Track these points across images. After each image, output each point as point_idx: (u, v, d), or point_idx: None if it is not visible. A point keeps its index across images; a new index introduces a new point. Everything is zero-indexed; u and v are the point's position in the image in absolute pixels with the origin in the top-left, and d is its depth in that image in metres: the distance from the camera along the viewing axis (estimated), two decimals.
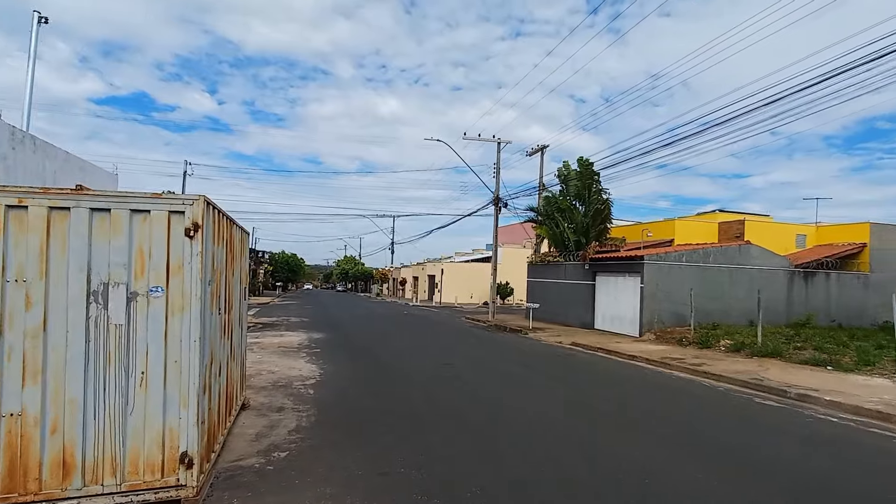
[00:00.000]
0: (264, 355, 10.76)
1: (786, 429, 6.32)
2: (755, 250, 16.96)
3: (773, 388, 8.34)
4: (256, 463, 4.56)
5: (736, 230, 19.70)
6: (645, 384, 9.13)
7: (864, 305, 17.92)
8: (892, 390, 8.02)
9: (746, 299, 15.15)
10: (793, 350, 11.43)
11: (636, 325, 15.54)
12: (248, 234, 6.32)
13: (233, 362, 5.35)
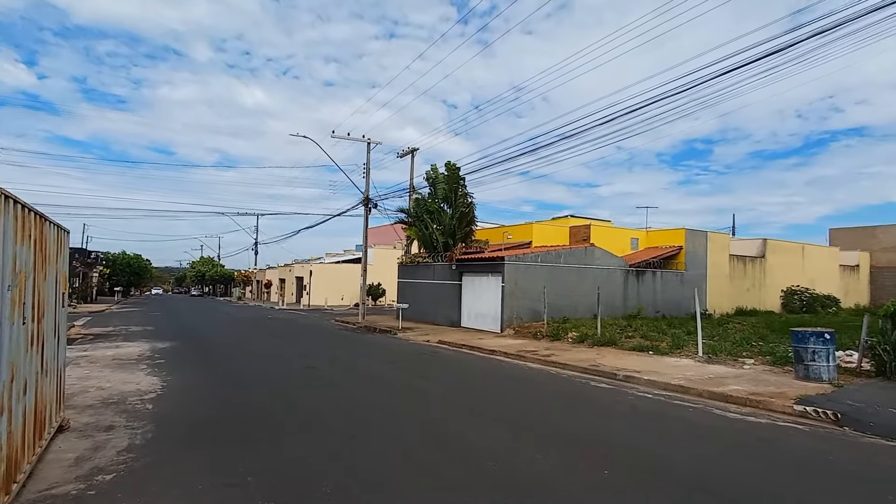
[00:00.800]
0: (94, 370, 9.41)
1: (612, 406, 7.25)
2: (598, 252, 19.14)
3: (607, 372, 9.49)
4: (73, 490, 3.97)
5: (583, 234, 22.06)
6: (501, 376, 9.80)
7: (681, 298, 21.21)
8: (693, 368, 9.63)
9: (591, 295, 17.01)
10: (625, 339, 13.11)
11: (498, 322, 16.57)
12: (67, 233, 5.50)
13: (45, 378, 4.60)
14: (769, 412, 6.90)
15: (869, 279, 29.47)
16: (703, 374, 9.05)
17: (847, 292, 27.47)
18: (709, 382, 8.32)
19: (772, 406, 7.03)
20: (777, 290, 24.60)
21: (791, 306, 23.86)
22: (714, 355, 10.68)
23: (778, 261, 24.96)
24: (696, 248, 22.18)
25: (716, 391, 7.74)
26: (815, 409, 6.60)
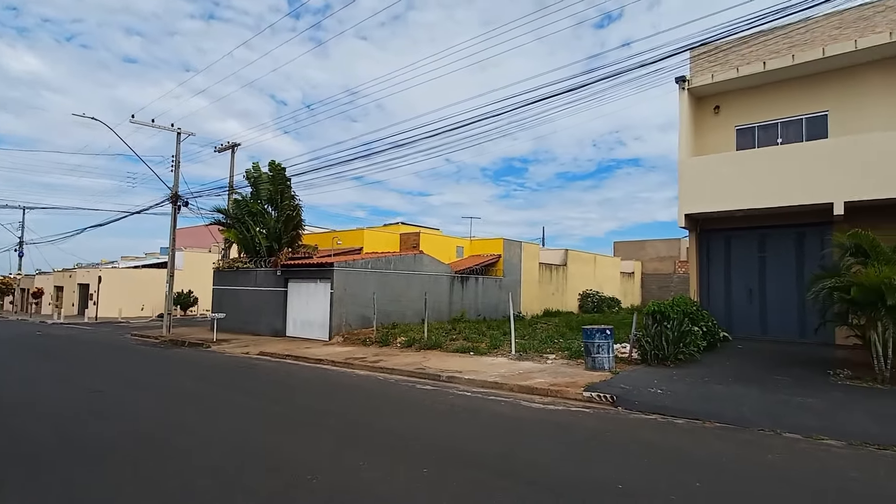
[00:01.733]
0: None
1: (434, 406, 7.48)
2: (426, 259, 19.86)
3: (432, 374, 9.80)
4: None
5: (413, 241, 22.71)
6: (327, 385, 9.44)
7: (498, 302, 23.16)
8: (506, 365, 10.51)
9: (419, 301, 17.51)
10: (449, 341, 13.75)
11: (326, 330, 16.03)
12: None
13: None
14: (565, 400, 7.82)
15: (641, 283, 36.01)
16: (514, 370, 9.92)
17: (626, 294, 33.14)
18: (518, 377, 9.13)
19: (567, 395, 7.99)
20: (575, 294, 28.49)
21: (586, 307, 27.84)
22: (524, 353, 11.81)
23: (576, 268, 28.96)
24: (512, 256, 24.49)
25: (524, 385, 8.53)
26: (598, 394, 7.69)
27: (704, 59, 13.12)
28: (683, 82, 13.28)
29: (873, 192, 10.40)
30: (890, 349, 8.13)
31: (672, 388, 8.03)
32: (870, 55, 11.54)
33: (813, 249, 12.20)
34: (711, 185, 12.36)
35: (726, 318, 13.35)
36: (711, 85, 13.30)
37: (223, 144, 22.73)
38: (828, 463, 5.00)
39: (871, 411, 6.60)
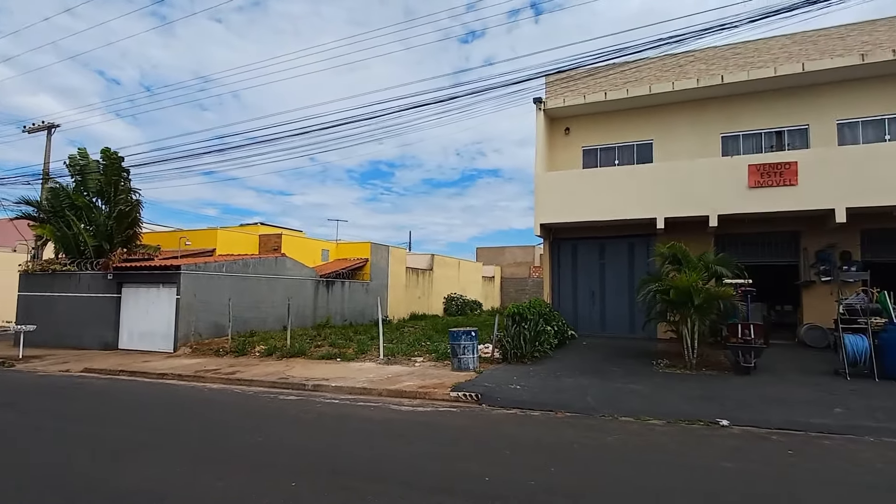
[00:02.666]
0: None
1: (300, 416, 7.13)
2: (290, 262, 18.88)
3: (296, 384, 9.32)
4: None
5: (274, 243, 21.44)
6: (172, 401, 8.43)
7: (365, 306, 22.91)
8: (375, 370, 10.43)
9: (281, 306, 16.56)
10: (314, 348, 13.22)
11: (170, 341, 14.32)
12: None
13: None
14: (433, 401, 8.00)
15: (500, 287, 38.45)
16: (383, 374, 9.88)
17: (487, 297, 35.11)
18: (387, 382, 9.12)
19: (434, 396, 8.19)
20: (440, 297, 29.40)
21: (450, 310, 28.87)
22: (393, 357, 11.84)
23: (442, 273, 29.92)
24: (379, 260, 24.44)
25: (392, 389, 8.55)
26: (464, 393, 8.02)
27: (558, 84, 14.59)
28: (540, 103, 14.61)
29: (684, 210, 12.46)
30: (696, 341, 9.79)
31: (529, 383, 8.70)
32: (683, 96, 13.87)
33: (641, 257, 14.19)
34: (562, 198, 13.72)
35: (573, 317, 14.88)
36: (563, 108, 14.82)
37: (36, 124, 19.14)
38: (652, 439, 5.83)
39: (682, 393, 7.85)
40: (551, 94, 14.93)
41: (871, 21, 12.56)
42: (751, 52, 13.27)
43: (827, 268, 12.57)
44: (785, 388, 8.06)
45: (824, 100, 13.01)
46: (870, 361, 8.70)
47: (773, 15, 7.04)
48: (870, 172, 11.07)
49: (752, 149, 13.69)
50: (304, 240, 24.92)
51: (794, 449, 5.43)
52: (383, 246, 25.20)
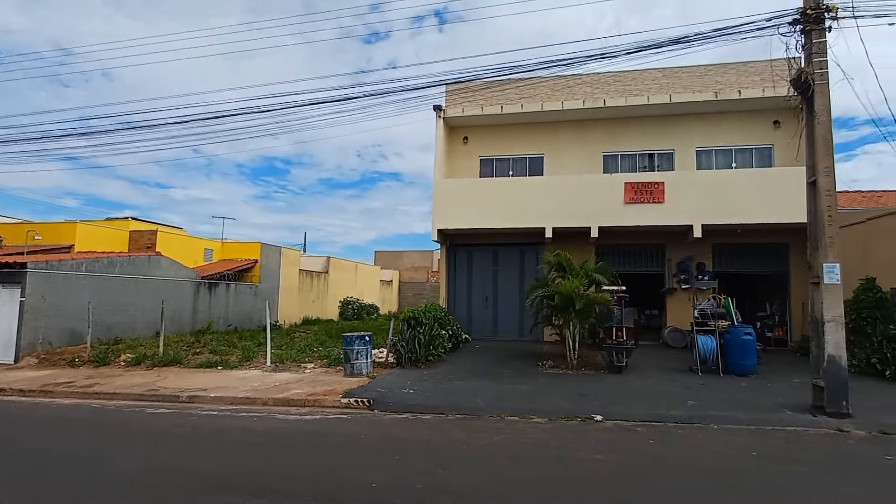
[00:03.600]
0: None
1: (171, 431, 6.48)
2: (165, 262, 17.20)
3: (168, 396, 8.47)
4: None
5: (148, 240, 19.38)
6: (7, 421, 7.22)
7: (253, 310, 21.56)
8: (261, 378, 9.83)
9: (154, 311, 14.99)
10: (192, 356, 12.14)
11: (11, 350, 12.29)
12: None
13: None
14: (323, 408, 7.72)
15: (398, 291, 38.40)
16: (269, 382, 9.34)
17: (384, 301, 34.85)
18: (274, 390, 8.63)
19: (325, 403, 7.91)
20: (336, 301, 28.61)
21: (346, 314, 28.20)
22: (281, 363, 11.24)
23: (338, 276, 29.15)
24: (270, 262, 23.19)
25: (279, 397, 8.11)
26: (356, 399, 7.84)
27: (458, 94, 14.96)
28: (440, 111, 14.88)
29: (570, 222, 13.39)
30: (577, 343, 10.52)
31: (422, 387, 8.74)
32: (571, 115, 14.94)
33: (531, 264, 14.97)
34: (459, 205, 14.06)
35: (468, 321, 15.27)
36: (462, 117, 15.24)
37: None
38: (535, 436, 6.14)
39: (563, 392, 8.39)
40: (451, 102, 15.29)
41: (724, 64, 14.53)
42: (629, 80, 14.69)
43: (686, 277, 14.23)
44: (649, 384, 8.94)
45: (686, 128, 14.78)
46: (717, 359, 9.97)
47: (645, 50, 7.88)
48: (719, 195, 12.75)
49: (629, 168, 15.13)
50: (184, 238, 22.86)
51: (655, 438, 6.03)
52: (275, 247, 23.97)
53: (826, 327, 7.13)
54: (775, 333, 14.06)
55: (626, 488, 4.45)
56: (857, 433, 6.30)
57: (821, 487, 4.54)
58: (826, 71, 7.41)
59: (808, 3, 7.39)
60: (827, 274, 7.17)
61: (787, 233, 12.94)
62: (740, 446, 5.75)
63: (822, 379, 7.11)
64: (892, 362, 9.26)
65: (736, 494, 4.36)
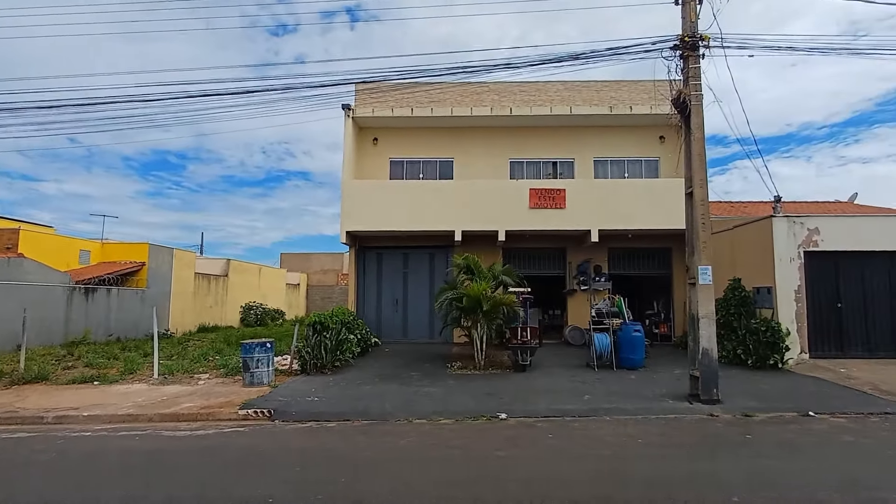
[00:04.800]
0: None
1: (31, 458, 5.65)
2: (30, 265, 15.14)
3: (29, 417, 7.41)
4: None
5: (8, 240, 16.90)
6: None
7: (140, 318, 19.61)
8: (146, 392, 8.94)
9: (15, 320, 13.08)
10: (62, 371, 10.78)
11: None
12: None
13: None
14: (218, 422, 7.18)
15: (306, 295, 37.00)
16: (156, 396, 8.52)
17: (291, 306, 33.40)
18: (161, 405, 7.89)
19: (220, 416, 7.37)
20: (237, 306, 26.93)
21: (248, 320, 26.64)
22: (171, 375, 10.32)
23: (239, 279, 27.46)
24: (160, 264, 21.28)
25: (167, 412, 7.42)
26: (255, 410, 7.39)
27: (368, 94, 14.76)
28: (349, 110, 14.58)
29: (478, 225, 13.72)
30: (484, 344, 10.78)
31: (328, 393, 8.46)
32: (479, 122, 15.35)
33: (441, 267, 15.13)
34: (369, 207, 13.85)
35: (377, 325, 15.07)
36: (372, 118, 15.05)
37: None
38: (441, 438, 6.17)
39: (470, 392, 8.53)
40: (361, 102, 15.04)
41: (618, 81, 15.73)
42: (534, 91, 15.40)
43: (584, 278, 15.17)
44: (550, 381, 9.38)
45: (585, 139, 15.79)
46: (611, 355, 10.71)
47: (546, 63, 8.30)
48: (613, 202, 13.76)
49: (534, 174, 15.84)
50: (54, 238, 20.27)
51: (553, 433, 6.32)
52: (166, 248, 22.03)
53: (700, 323, 7.93)
54: (661, 330, 15.43)
55: (524, 482, 4.60)
56: (724, 417, 7.06)
57: (691, 466, 5.02)
58: (701, 93, 8.26)
59: (686, 32, 8.20)
60: (701, 275, 7.98)
61: (671, 238, 14.25)
62: (628, 434, 6.20)
63: (697, 370, 7.89)
64: (754, 353, 10.52)
65: (621, 478, 4.67)
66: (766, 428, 6.53)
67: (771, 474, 4.79)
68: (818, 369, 10.05)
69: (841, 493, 4.28)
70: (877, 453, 5.55)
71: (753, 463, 5.18)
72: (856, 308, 11.20)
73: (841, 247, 11.19)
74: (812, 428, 6.50)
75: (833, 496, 4.21)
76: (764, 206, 15.70)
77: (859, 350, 11.07)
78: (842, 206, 19.10)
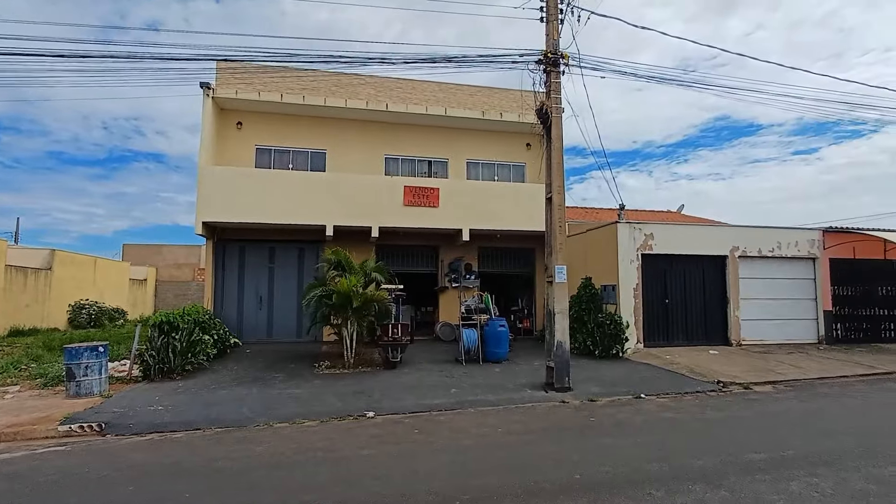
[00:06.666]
0: None
1: None
2: None
3: None
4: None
5: None
6: None
7: None
8: None
9: None
10: None
11: None
12: None
13: None
14: (29, 442, 6.07)
15: (155, 292, 33.04)
16: None
17: (135, 304, 29.55)
18: None
19: (34, 434, 6.25)
20: (65, 305, 23.11)
21: (78, 321, 23.00)
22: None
23: (67, 273, 23.57)
24: None
25: None
26: (81, 425, 6.38)
27: (231, 73, 13.57)
28: (208, 89, 13.28)
29: (351, 220, 13.41)
30: (354, 342, 10.56)
31: (175, 401, 7.61)
32: (354, 114, 15.01)
33: (311, 263, 14.51)
34: (231, 197, 12.77)
35: (238, 324, 13.98)
36: (236, 100, 13.89)
37: None
38: (303, 440, 5.88)
39: (337, 392, 8.29)
40: (223, 82, 13.77)
41: (490, 88, 16.48)
42: (410, 89, 15.48)
43: (456, 276, 15.65)
44: (419, 377, 9.50)
45: (459, 140, 16.30)
46: (478, 349, 11.18)
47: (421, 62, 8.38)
48: (484, 203, 14.39)
49: (409, 172, 15.93)
50: None
51: (419, 427, 6.39)
52: None
53: (556, 318, 8.62)
54: (524, 324, 16.54)
55: (386, 478, 4.56)
56: (573, 402, 7.75)
57: (543, 449, 5.42)
58: (561, 106, 8.97)
59: (549, 48, 8.85)
60: (557, 274, 8.68)
61: (534, 239, 15.33)
62: (490, 425, 6.50)
63: (552, 361, 8.56)
64: (600, 343, 11.75)
65: (479, 466, 4.86)
66: (606, 410, 7.31)
67: (608, 451, 5.35)
68: (650, 357, 11.54)
69: (659, 462, 4.92)
70: (688, 425, 6.52)
71: (595, 442, 5.75)
72: (679, 303, 13.09)
73: (669, 251, 12.99)
74: (642, 408, 7.43)
75: (653, 466, 4.83)
76: (613, 213, 17.65)
77: (681, 339, 12.96)
78: (672, 216, 22.28)
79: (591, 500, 4.03)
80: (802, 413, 7.26)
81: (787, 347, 12.92)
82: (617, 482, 4.42)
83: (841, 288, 14.16)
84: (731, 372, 9.88)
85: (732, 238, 13.51)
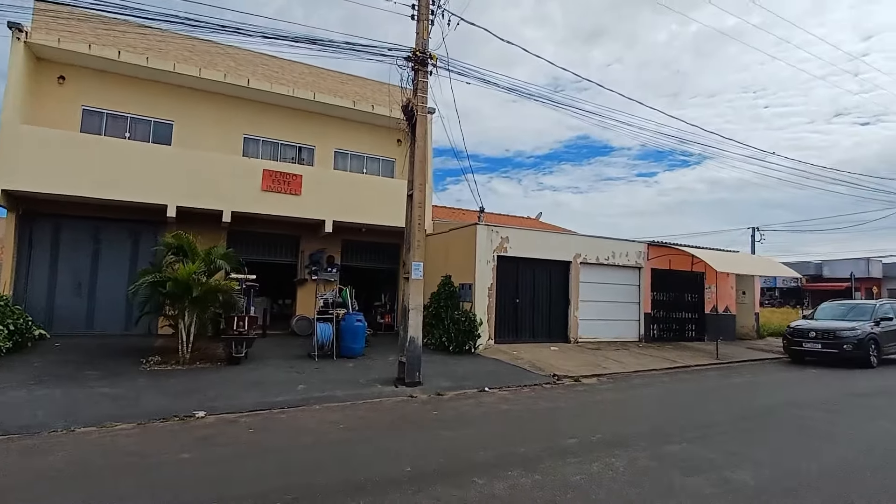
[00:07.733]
0: None
1: None
2: None
3: None
4: None
5: None
6: None
7: None
8: None
9: None
10: None
11: None
12: None
13: None
14: None
15: None
16: None
17: None
18: None
19: None
20: None
21: None
22: None
23: None
24: None
25: None
26: None
27: (54, 18, 11.42)
28: (20, 31, 11.05)
29: (199, 202, 12.18)
30: (192, 335, 9.59)
31: None
32: (210, 86, 13.63)
33: (148, 246, 12.85)
34: (45, 163, 10.80)
35: (48, 313, 11.91)
36: (58, 50, 11.75)
37: None
38: (113, 447, 5.15)
39: (165, 390, 7.45)
40: (41, 25, 11.52)
41: (363, 78, 16.13)
42: (276, 67, 14.51)
43: (316, 268, 15.07)
44: (266, 373, 8.95)
45: (328, 128, 15.72)
46: (333, 344, 10.87)
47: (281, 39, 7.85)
48: (351, 195, 14.07)
49: (271, 156, 14.95)
50: None
51: (256, 427, 5.99)
52: None
53: (410, 314, 8.72)
54: (385, 319, 16.54)
55: (201, 485, 4.17)
56: (421, 397, 7.90)
57: (381, 444, 5.42)
58: (426, 105, 9.09)
59: (418, 47, 8.91)
60: (414, 270, 8.78)
61: (400, 235, 15.29)
62: (332, 421, 6.34)
63: (405, 356, 8.65)
64: (455, 339, 12.18)
65: (311, 465, 4.69)
66: (450, 404, 7.57)
67: (444, 443, 5.52)
68: (499, 352, 12.26)
69: (487, 451, 5.21)
70: (520, 416, 7.04)
71: (433, 435, 5.90)
72: (528, 302, 14.12)
73: (522, 254, 13.94)
74: (483, 401, 7.84)
75: (480, 454, 5.10)
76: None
77: (527, 336, 13.99)
78: (531, 222, 24.00)
79: (416, 490, 4.10)
80: (615, 402, 8.27)
81: (615, 345, 14.67)
82: (445, 472, 4.57)
83: (658, 294, 16.48)
84: (567, 366, 10.91)
85: (576, 246, 14.95)
